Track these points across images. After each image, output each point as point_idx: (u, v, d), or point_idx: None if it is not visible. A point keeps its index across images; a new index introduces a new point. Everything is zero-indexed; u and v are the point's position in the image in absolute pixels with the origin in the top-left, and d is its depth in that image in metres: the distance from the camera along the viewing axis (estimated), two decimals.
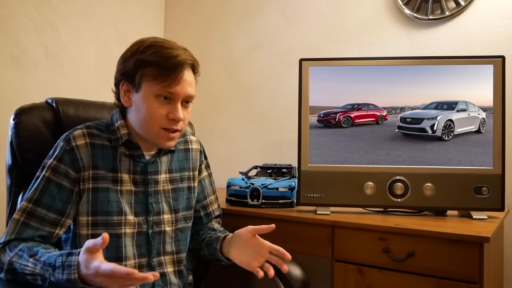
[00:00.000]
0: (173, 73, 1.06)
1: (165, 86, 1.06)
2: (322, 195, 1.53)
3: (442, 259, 1.28)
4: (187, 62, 1.09)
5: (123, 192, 1.13)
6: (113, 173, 1.12)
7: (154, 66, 1.06)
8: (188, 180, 1.27)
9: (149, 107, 1.07)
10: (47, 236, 1.06)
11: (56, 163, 1.08)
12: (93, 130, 1.13)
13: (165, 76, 1.06)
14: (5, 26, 1.76)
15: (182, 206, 1.24)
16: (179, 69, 1.07)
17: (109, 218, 1.10)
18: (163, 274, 1.17)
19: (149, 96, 1.07)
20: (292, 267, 1.26)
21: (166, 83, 1.06)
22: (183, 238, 1.23)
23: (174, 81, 1.06)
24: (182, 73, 1.07)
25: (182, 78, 1.07)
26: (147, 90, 1.07)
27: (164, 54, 1.06)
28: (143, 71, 1.07)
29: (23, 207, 1.06)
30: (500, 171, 1.45)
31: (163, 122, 1.08)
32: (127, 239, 1.12)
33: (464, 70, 1.48)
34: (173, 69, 1.06)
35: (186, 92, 1.09)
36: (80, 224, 1.09)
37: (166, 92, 1.07)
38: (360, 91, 1.54)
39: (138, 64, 1.07)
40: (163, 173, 1.21)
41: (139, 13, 2.34)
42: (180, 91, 1.08)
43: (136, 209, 1.14)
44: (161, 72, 1.06)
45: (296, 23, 2.14)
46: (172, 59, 1.06)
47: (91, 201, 1.09)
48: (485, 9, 1.77)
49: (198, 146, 1.33)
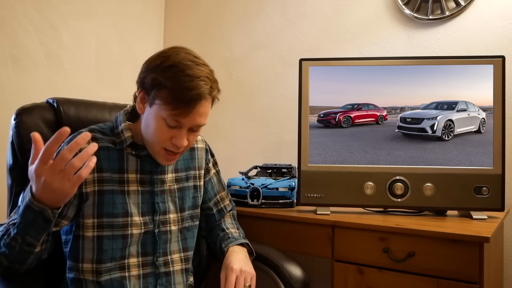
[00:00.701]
0: (186, 106, 1.01)
1: (174, 115, 1.02)
2: (322, 195, 1.53)
3: (442, 259, 1.28)
4: (204, 97, 1.03)
5: (130, 192, 1.13)
6: (119, 174, 1.12)
7: (168, 92, 1.01)
8: (194, 179, 1.28)
9: (157, 127, 1.06)
10: None
11: None
12: (96, 133, 1.13)
13: (177, 106, 1.01)
14: (5, 26, 1.76)
15: (188, 205, 1.24)
16: (193, 103, 1.02)
17: (115, 220, 1.10)
18: (168, 274, 1.17)
19: (158, 118, 1.05)
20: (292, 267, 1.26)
21: (177, 112, 1.02)
22: (189, 236, 1.24)
23: (185, 113, 1.02)
24: (196, 107, 1.02)
25: (194, 111, 1.03)
26: (157, 111, 1.04)
27: (182, 83, 1.01)
28: (159, 91, 1.03)
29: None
30: (500, 171, 1.45)
31: (166, 144, 1.07)
32: (133, 239, 1.12)
33: (464, 70, 1.48)
34: (188, 102, 1.01)
35: (196, 123, 1.06)
36: (85, 226, 1.09)
37: (174, 121, 1.04)
38: (360, 91, 1.55)
39: (155, 84, 1.03)
40: (169, 173, 1.21)
41: (139, 13, 2.34)
42: (189, 122, 1.05)
43: (143, 209, 1.15)
44: (174, 101, 1.01)
45: (296, 23, 2.14)
46: (189, 91, 1.00)
47: (97, 203, 1.09)
48: (485, 9, 1.77)
49: (203, 145, 1.33)
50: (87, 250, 1.09)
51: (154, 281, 1.15)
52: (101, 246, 1.09)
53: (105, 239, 1.09)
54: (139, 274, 1.13)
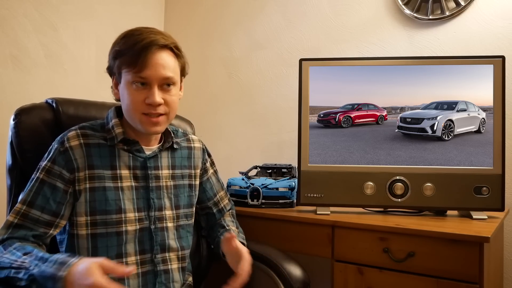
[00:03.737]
0: (140, 57, 1.06)
1: (136, 72, 1.07)
2: (322, 195, 1.53)
3: (442, 259, 1.28)
4: (155, 44, 1.08)
5: (124, 188, 1.13)
6: (112, 171, 1.12)
7: (125, 54, 1.07)
8: (189, 178, 1.28)
9: (129, 94, 1.09)
10: (40, 235, 1.06)
11: (50, 164, 1.08)
12: (87, 130, 1.14)
13: (135, 62, 1.06)
14: (5, 26, 1.76)
15: (183, 203, 1.24)
16: (146, 52, 1.06)
17: (108, 217, 1.10)
18: (166, 272, 1.17)
19: (127, 85, 1.09)
20: (292, 267, 1.26)
21: (137, 68, 1.06)
22: (184, 235, 1.24)
23: (144, 66, 1.06)
24: (150, 56, 1.06)
25: (152, 61, 1.07)
26: (124, 79, 1.10)
27: (132, 41, 1.07)
28: (119, 61, 1.09)
29: (17, 209, 1.06)
30: (500, 171, 1.45)
31: (142, 107, 1.09)
32: (128, 236, 1.12)
33: (464, 70, 1.48)
34: (140, 53, 1.06)
35: (160, 75, 1.08)
36: (78, 224, 1.09)
37: (139, 78, 1.07)
38: (360, 91, 1.54)
39: (115, 56, 1.10)
40: (165, 169, 1.21)
41: (139, 13, 2.34)
42: (152, 74, 1.07)
43: (139, 205, 1.15)
44: (131, 59, 1.06)
45: (296, 23, 2.14)
46: (138, 43, 1.06)
47: (89, 201, 1.09)
48: (485, 9, 1.77)
49: (200, 145, 1.34)
50: (82, 249, 1.09)
51: (153, 279, 1.15)
52: (95, 244, 1.09)
53: (99, 237, 1.09)
54: (138, 272, 1.13)
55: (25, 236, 1.04)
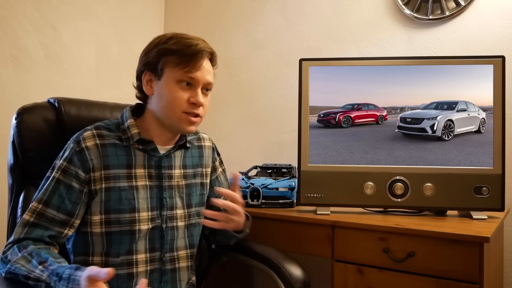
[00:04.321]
0: (193, 60, 1.12)
1: (186, 72, 1.11)
2: (322, 195, 1.53)
3: (442, 259, 1.28)
4: (206, 50, 1.15)
5: (139, 187, 1.14)
6: (127, 170, 1.14)
7: (176, 54, 1.12)
8: (201, 177, 1.29)
9: (172, 92, 1.12)
10: (56, 236, 1.07)
11: (66, 164, 1.09)
12: (102, 130, 1.15)
13: (187, 62, 1.11)
14: (5, 26, 1.76)
15: (195, 202, 1.25)
16: (199, 56, 1.12)
17: (122, 216, 1.11)
18: (173, 270, 1.19)
19: (171, 82, 1.12)
20: (292, 267, 1.26)
21: (188, 68, 1.11)
22: (195, 233, 1.26)
23: (195, 67, 1.12)
24: (202, 60, 1.13)
25: (202, 65, 1.13)
26: (169, 76, 1.12)
27: (185, 43, 1.13)
28: (166, 59, 1.12)
29: (33, 208, 1.07)
30: (500, 171, 1.46)
31: (185, 106, 1.12)
32: (141, 235, 1.13)
33: (464, 70, 1.48)
34: (194, 56, 1.12)
35: (206, 79, 1.14)
36: (93, 223, 1.11)
37: (188, 78, 1.12)
38: (360, 91, 1.55)
39: (161, 53, 1.13)
40: (177, 168, 1.22)
41: (139, 13, 2.34)
42: (200, 77, 1.13)
43: (152, 204, 1.16)
44: (182, 59, 1.11)
45: (296, 23, 2.14)
46: (193, 47, 1.12)
47: (104, 200, 1.11)
48: (485, 9, 1.77)
49: (210, 144, 1.36)
50: (97, 244, 1.11)
51: (160, 277, 1.16)
52: (110, 240, 1.11)
53: (113, 235, 1.11)
54: (146, 270, 1.14)
55: (41, 237, 1.06)
